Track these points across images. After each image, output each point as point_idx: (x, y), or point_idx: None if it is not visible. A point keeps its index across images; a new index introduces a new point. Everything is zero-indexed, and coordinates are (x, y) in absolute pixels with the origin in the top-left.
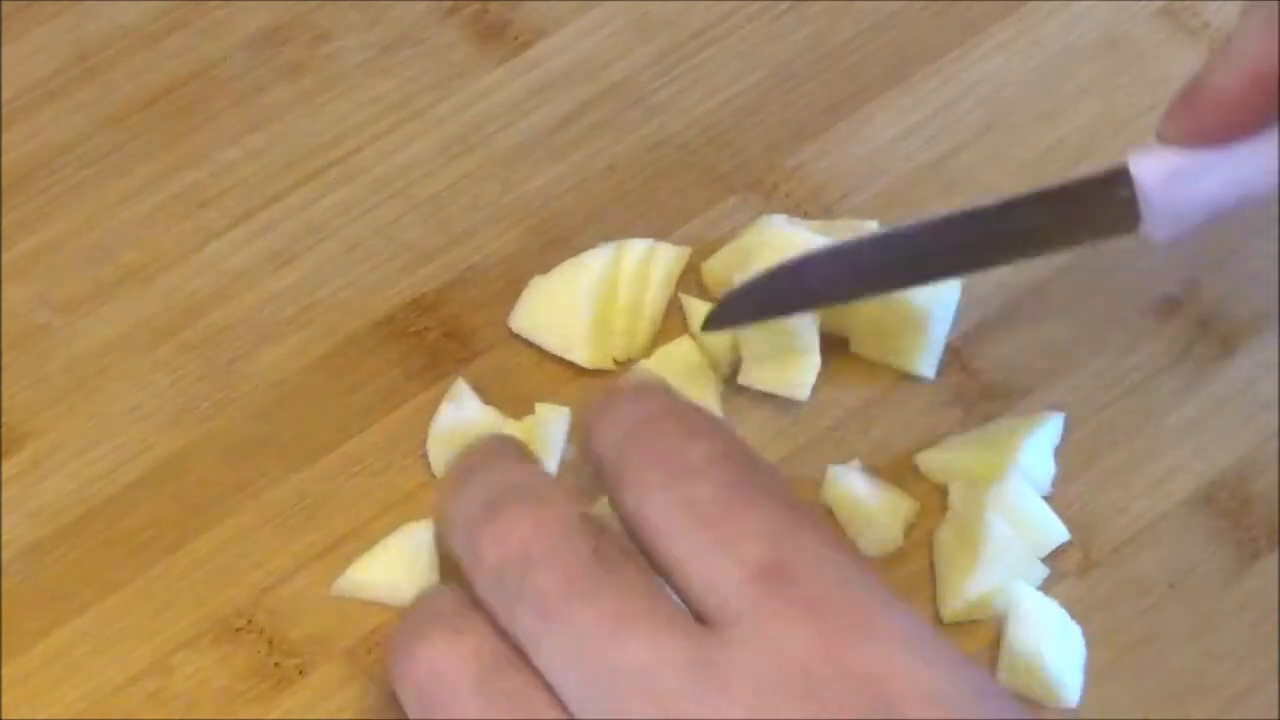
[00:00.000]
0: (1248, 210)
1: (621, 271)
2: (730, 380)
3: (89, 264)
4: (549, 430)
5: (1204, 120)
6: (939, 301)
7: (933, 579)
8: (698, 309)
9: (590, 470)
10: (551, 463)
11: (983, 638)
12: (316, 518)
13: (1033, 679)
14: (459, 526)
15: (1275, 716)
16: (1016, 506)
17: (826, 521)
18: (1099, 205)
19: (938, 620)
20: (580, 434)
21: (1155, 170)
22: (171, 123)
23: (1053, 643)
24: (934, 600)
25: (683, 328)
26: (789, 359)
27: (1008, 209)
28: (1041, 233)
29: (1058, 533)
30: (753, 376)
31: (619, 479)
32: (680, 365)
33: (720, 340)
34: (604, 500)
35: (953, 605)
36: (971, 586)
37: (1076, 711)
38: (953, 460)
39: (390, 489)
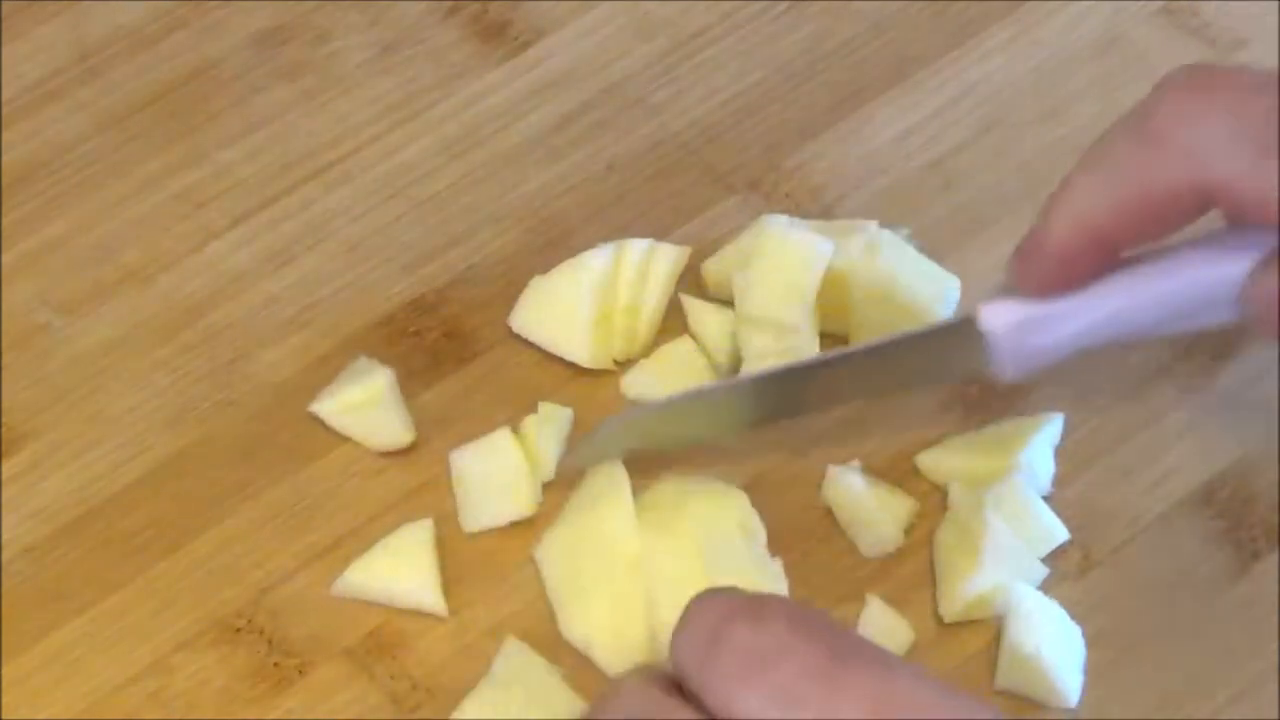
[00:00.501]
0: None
1: (621, 271)
2: (730, 373)
3: (89, 264)
4: (551, 429)
5: (1042, 272)
6: (939, 302)
7: (933, 579)
8: (698, 309)
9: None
10: (552, 459)
11: (983, 638)
12: (316, 518)
13: (1033, 679)
14: None
15: (1275, 717)
16: (1016, 506)
17: (918, 667)
18: (953, 349)
19: (938, 620)
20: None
21: (1002, 320)
22: (171, 123)
23: (1053, 643)
24: (933, 600)
25: (683, 328)
26: (788, 355)
27: (870, 354)
28: (901, 375)
29: (1057, 533)
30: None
31: (705, 688)
32: (680, 365)
33: (720, 339)
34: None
35: (953, 605)
36: (971, 586)
37: (1076, 711)
38: (953, 460)
39: (390, 489)
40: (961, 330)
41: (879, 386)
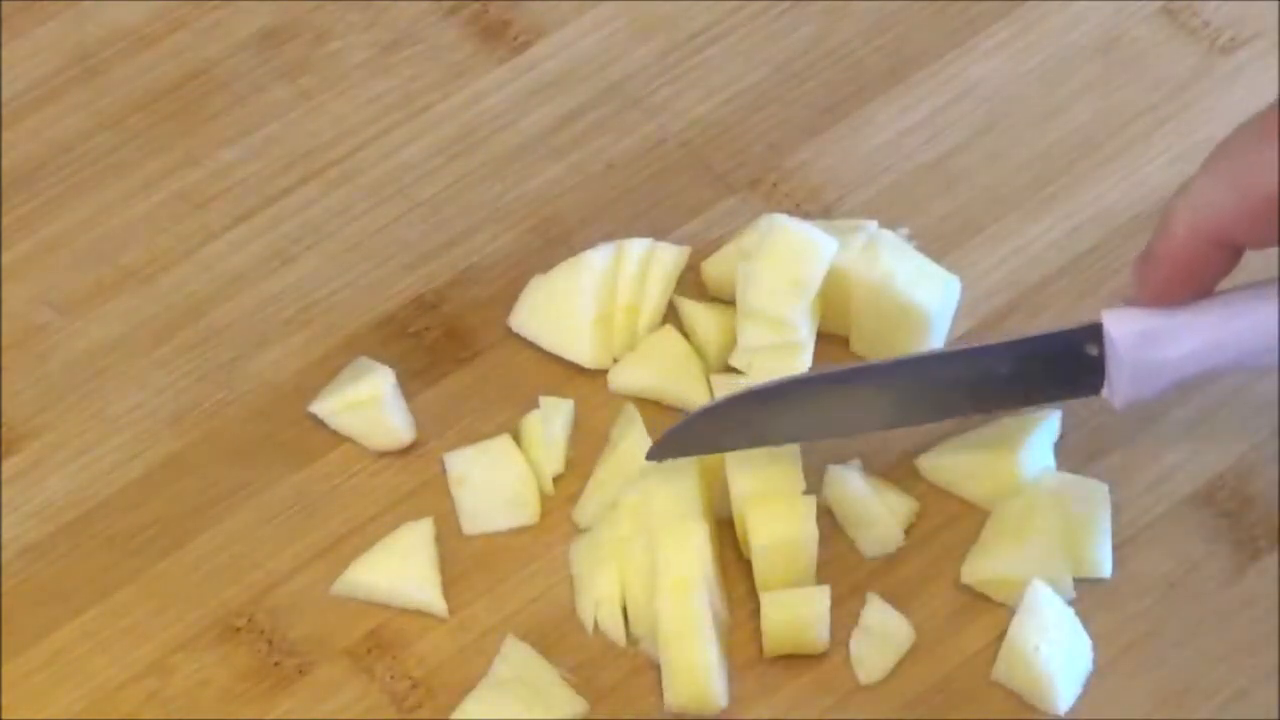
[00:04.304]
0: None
1: (621, 271)
2: (721, 369)
3: (89, 264)
4: (553, 423)
5: (1165, 277)
6: (939, 301)
7: (938, 574)
8: (689, 307)
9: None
10: (555, 455)
11: (984, 638)
12: (316, 518)
13: (1025, 676)
14: None
15: (1275, 717)
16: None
17: None
18: (1066, 362)
19: (955, 582)
20: None
21: (1125, 327)
22: (171, 123)
23: (1055, 647)
24: (934, 601)
25: (679, 324)
26: (783, 351)
27: (974, 356)
28: (1006, 385)
29: (1105, 565)
30: (744, 363)
31: None
32: (668, 355)
33: (710, 329)
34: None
35: (977, 573)
36: (1004, 564)
37: (1076, 711)
38: (953, 460)
39: (390, 489)
40: (1082, 339)
41: (980, 400)
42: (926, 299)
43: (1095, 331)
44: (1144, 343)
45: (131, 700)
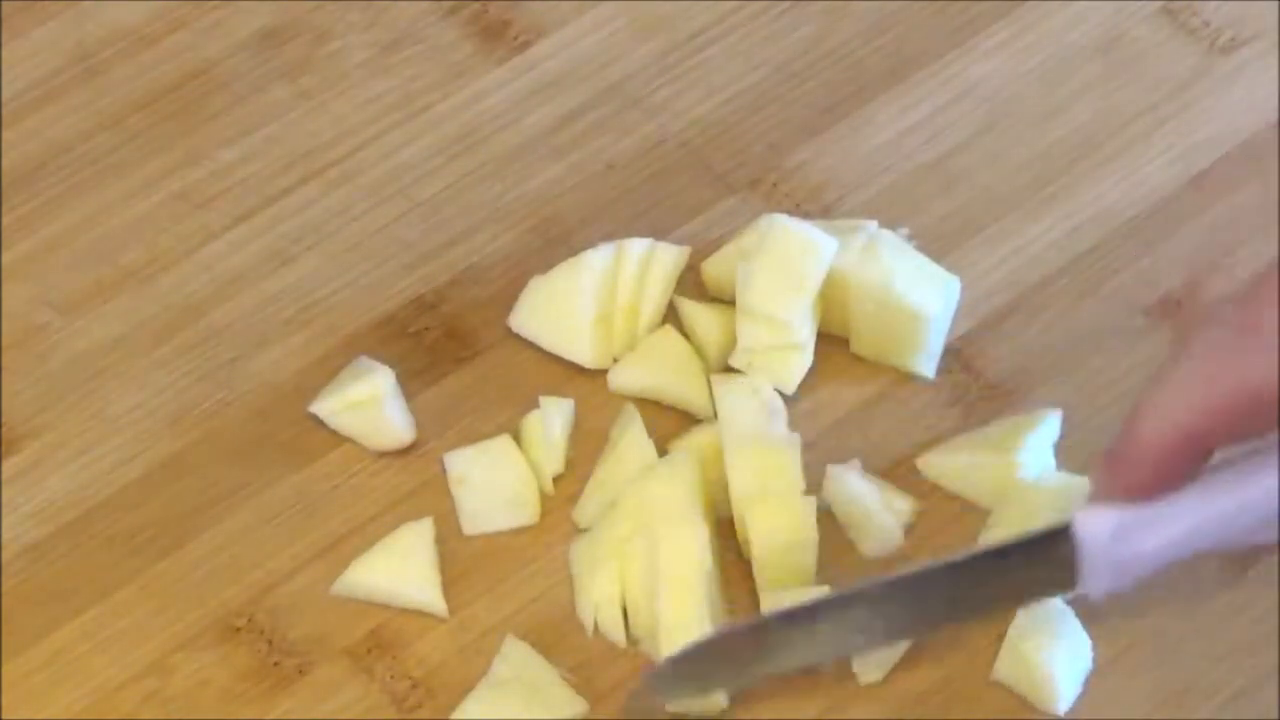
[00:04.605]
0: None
1: (621, 271)
2: (721, 369)
3: (89, 264)
4: (553, 423)
5: (1137, 475)
6: (939, 301)
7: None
8: (689, 307)
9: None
10: (555, 455)
11: (985, 636)
12: (316, 518)
13: (1025, 675)
14: None
15: (1275, 717)
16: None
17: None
18: (1039, 566)
19: None
20: None
21: (1097, 528)
22: (171, 123)
23: (1055, 647)
24: None
25: (679, 324)
26: (783, 351)
27: (952, 571)
28: (985, 595)
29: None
30: (744, 363)
31: None
32: (668, 354)
33: (710, 329)
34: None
35: None
36: None
37: (1076, 711)
38: (953, 460)
39: (390, 489)
40: (1053, 541)
41: (960, 611)
42: (926, 299)
43: (1065, 533)
44: (1116, 542)
45: (131, 700)
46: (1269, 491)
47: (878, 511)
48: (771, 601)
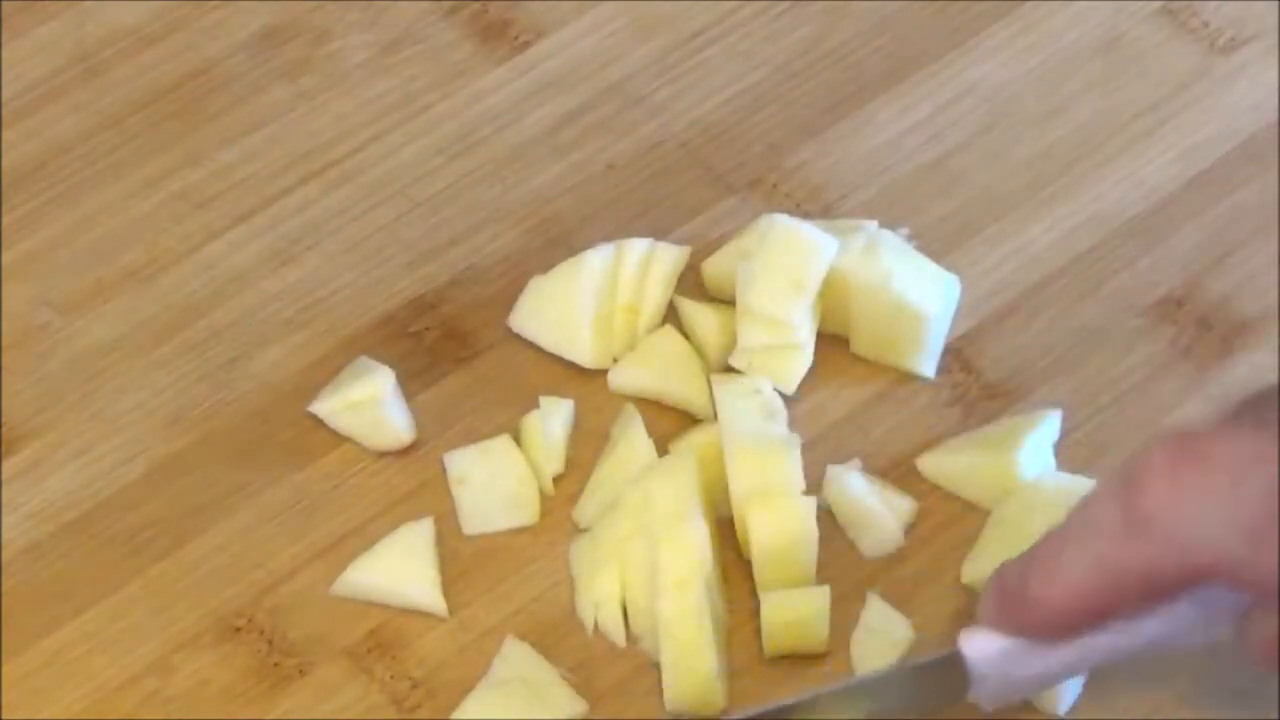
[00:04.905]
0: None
1: (621, 271)
2: (721, 369)
3: (89, 264)
4: (553, 423)
5: (1029, 624)
6: (939, 301)
7: (938, 573)
8: (689, 307)
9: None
10: (555, 455)
11: None
12: (316, 518)
13: None
14: None
15: (1275, 717)
16: None
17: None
18: (937, 680)
19: (955, 582)
20: None
21: (983, 650)
22: (171, 123)
23: None
24: (934, 601)
25: (679, 324)
26: (783, 351)
27: (855, 688)
28: (887, 705)
29: None
30: (744, 363)
31: None
32: (668, 354)
33: (710, 329)
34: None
35: (978, 572)
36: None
37: (1076, 711)
38: (953, 460)
39: (390, 489)
40: (946, 662)
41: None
42: (926, 299)
43: (958, 656)
44: (1003, 663)
45: (131, 700)
46: (1181, 615)
47: (878, 511)
48: (772, 601)
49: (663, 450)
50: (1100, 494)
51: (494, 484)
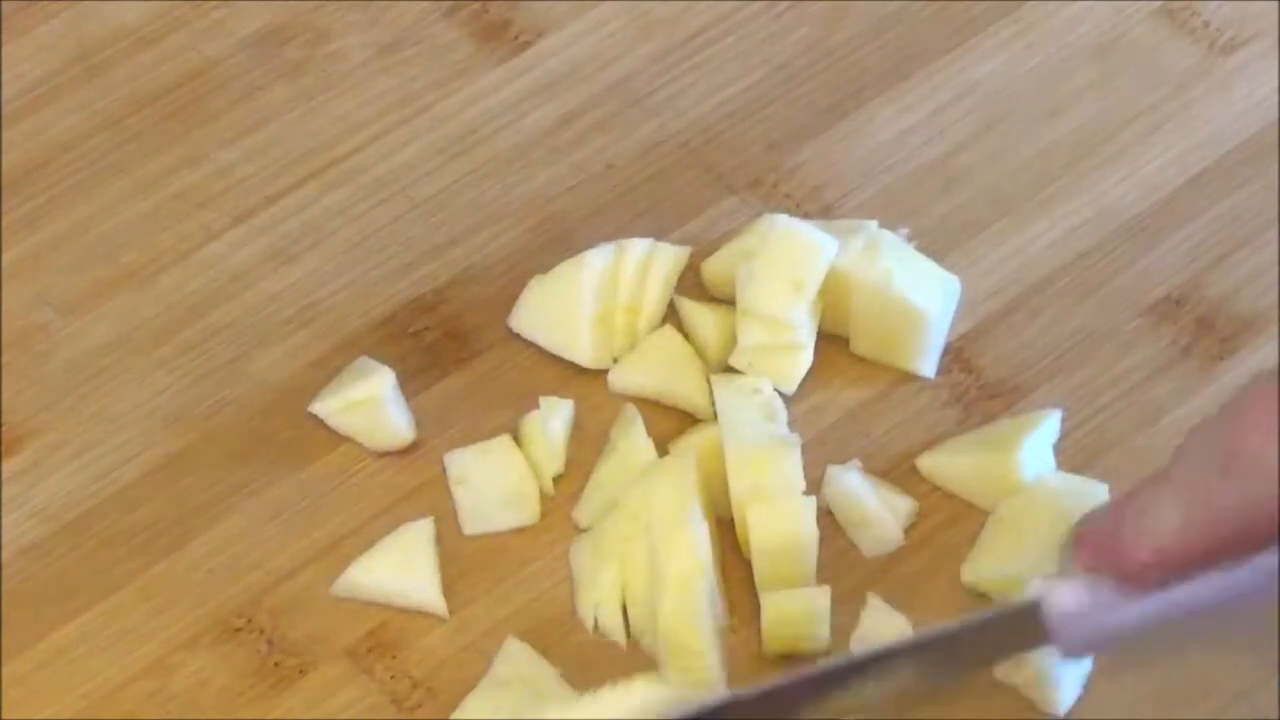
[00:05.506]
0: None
1: (622, 271)
2: (721, 369)
3: (89, 264)
4: (553, 424)
5: (1116, 573)
6: (939, 301)
7: (938, 573)
8: (689, 307)
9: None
10: (555, 455)
11: None
12: (316, 518)
13: (1025, 675)
14: None
15: (1275, 717)
16: None
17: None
18: (1016, 630)
19: (955, 582)
20: None
21: (1069, 602)
22: (171, 123)
23: None
24: (934, 600)
25: (679, 324)
26: (783, 352)
27: (930, 642)
28: (962, 659)
29: None
30: (744, 363)
31: None
32: (668, 354)
33: (710, 329)
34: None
35: (978, 572)
36: (1003, 567)
37: (1076, 711)
38: (953, 460)
39: (390, 489)
40: (1027, 613)
41: (940, 673)
42: (926, 299)
43: (1037, 608)
44: (1088, 614)
45: (131, 700)
46: (1259, 574)
47: (878, 511)
48: (772, 601)
49: (663, 450)
50: (1197, 437)
51: (494, 484)
